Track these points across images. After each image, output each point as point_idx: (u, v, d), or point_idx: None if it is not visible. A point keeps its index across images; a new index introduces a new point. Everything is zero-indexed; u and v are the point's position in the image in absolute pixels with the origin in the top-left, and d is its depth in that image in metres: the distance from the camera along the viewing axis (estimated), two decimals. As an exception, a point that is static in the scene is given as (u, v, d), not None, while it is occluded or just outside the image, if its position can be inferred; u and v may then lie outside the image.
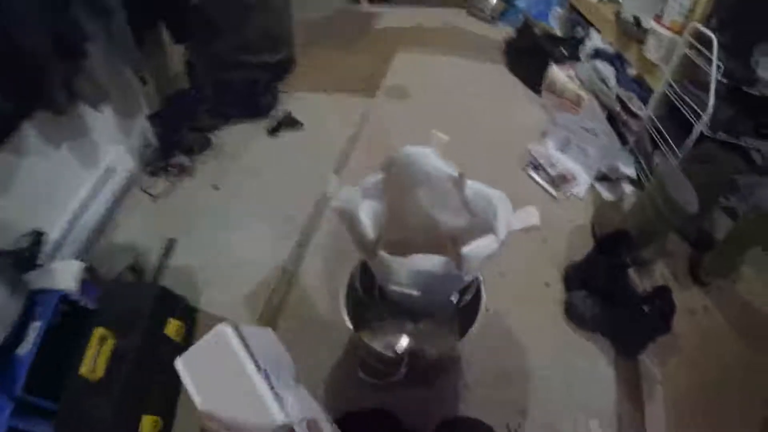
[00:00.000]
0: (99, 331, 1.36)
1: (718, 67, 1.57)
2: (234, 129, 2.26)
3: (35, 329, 1.33)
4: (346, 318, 1.25)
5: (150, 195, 1.99)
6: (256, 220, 1.92)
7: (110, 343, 1.37)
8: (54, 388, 1.32)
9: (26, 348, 1.31)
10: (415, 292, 1.05)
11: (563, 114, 2.14)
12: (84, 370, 1.30)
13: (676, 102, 1.78)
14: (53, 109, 1.58)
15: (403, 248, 1.19)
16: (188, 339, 1.59)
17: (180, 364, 0.90)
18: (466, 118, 2.26)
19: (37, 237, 1.51)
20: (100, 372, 1.32)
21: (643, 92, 2.01)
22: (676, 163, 1.68)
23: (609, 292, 1.54)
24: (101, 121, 1.85)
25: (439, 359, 1.36)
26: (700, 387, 1.50)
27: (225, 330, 0.89)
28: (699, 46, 1.66)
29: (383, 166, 1.13)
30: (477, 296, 1.29)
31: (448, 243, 1.24)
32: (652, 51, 1.88)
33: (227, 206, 1.98)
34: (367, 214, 1.08)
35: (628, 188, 1.95)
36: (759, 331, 1.62)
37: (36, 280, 1.42)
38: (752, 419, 1.44)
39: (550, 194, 1.96)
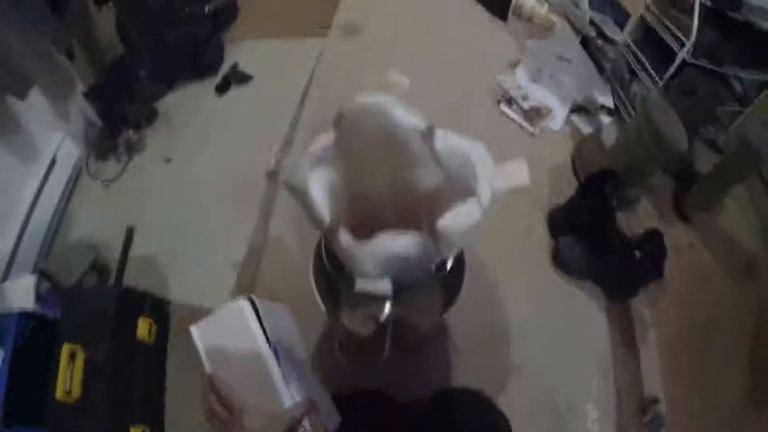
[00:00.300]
0: (67, 348, 1.27)
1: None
2: (180, 93, 2.05)
3: (1, 359, 1.24)
4: (319, 299, 1.13)
5: (101, 181, 1.83)
6: (214, 193, 1.78)
7: (81, 358, 1.29)
8: (34, 412, 1.24)
9: None
10: (385, 281, 0.88)
11: (533, 41, 1.97)
12: (60, 393, 1.23)
13: (655, 26, 1.64)
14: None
15: (369, 219, 1.03)
16: (162, 335, 1.52)
17: (194, 332, 0.86)
18: (428, 52, 2.07)
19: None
20: (76, 392, 1.25)
21: (618, 15, 1.85)
22: (658, 92, 1.57)
23: (597, 236, 1.48)
24: (32, 109, 1.63)
25: (423, 330, 1.30)
26: (690, 327, 1.49)
27: (242, 305, 0.86)
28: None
29: (334, 123, 0.94)
30: (459, 260, 1.13)
31: (423, 207, 1.03)
32: (627, -32, 1.70)
33: (182, 181, 1.83)
34: (320, 189, 0.90)
35: (606, 119, 1.83)
36: (743, 265, 1.60)
37: (-12, 304, 1.32)
38: (742, 354, 1.45)
39: (526, 130, 1.83)
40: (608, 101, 1.83)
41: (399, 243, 0.84)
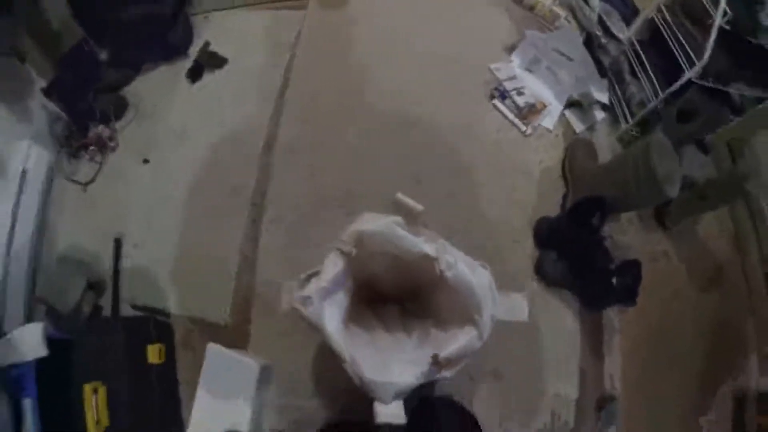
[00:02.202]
0: (88, 388, 1.41)
1: (725, 11, 1.39)
2: (149, 79, 1.92)
3: (29, 406, 1.38)
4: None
5: (77, 183, 1.79)
6: (200, 195, 1.77)
7: (102, 392, 1.43)
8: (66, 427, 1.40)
9: (29, 427, 1.37)
10: (399, 408, 1.04)
11: (532, 31, 1.87)
12: (91, 428, 1.38)
13: (664, 32, 1.59)
14: None
15: (370, 281, 1.21)
16: (170, 352, 1.64)
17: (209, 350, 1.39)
18: (417, 29, 1.96)
19: (-18, 310, 1.44)
20: (104, 420, 1.41)
21: (626, 9, 1.77)
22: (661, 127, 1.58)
23: (578, 258, 1.61)
24: None
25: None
26: (651, 335, 1.69)
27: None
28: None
29: (343, 250, 1.03)
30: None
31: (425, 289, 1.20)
32: (643, -39, 1.58)
33: (163, 183, 1.80)
34: (335, 325, 1.02)
35: (599, 114, 1.85)
36: (711, 274, 1.77)
37: (1, 356, 1.39)
38: (694, 362, 1.67)
39: (518, 129, 1.82)
40: (604, 97, 1.84)
41: (408, 379, 1.00)
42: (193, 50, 1.94)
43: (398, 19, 1.99)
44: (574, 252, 1.61)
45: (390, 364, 1.03)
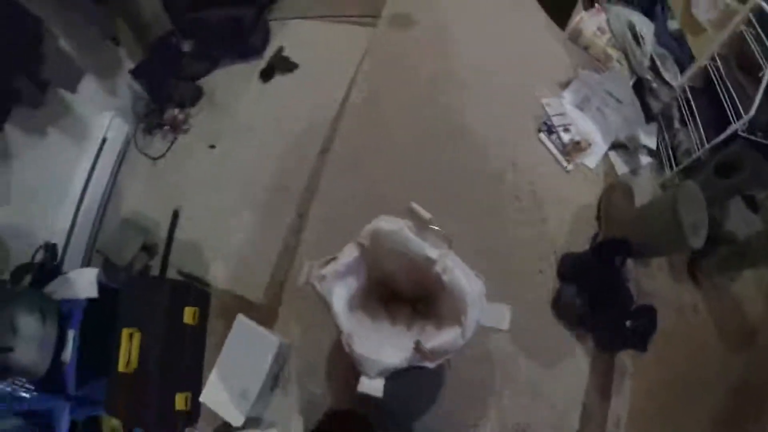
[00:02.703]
0: (126, 332, 1.58)
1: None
2: (225, 73, 2.16)
3: (72, 336, 1.58)
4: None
5: (148, 157, 2.03)
6: (255, 186, 1.95)
7: (137, 337, 1.59)
8: (100, 377, 1.59)
9: (69, 354, 1.56)
10: (378, 384, 1.14)
11: (586, 72, 1.92)
12: (121, 366, 1.55)
13: (715, 82, 1.61)
14: (28, 105, 1.58)
15: (386, 279, 1.34)
16: (203, 317, 1.80)
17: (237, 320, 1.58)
18: (478, 54, 2.07)
19: (52, 250, 1.66)
20: (134, 364, 1.57)
21: (682, 55, 1.78)
22: (699, 178, 1.59)
23: (598, 295, 1.62)
24: (82, 93, 1.81)
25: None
26: (668, 382, 1.66)
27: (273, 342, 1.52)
28: (759, 28, 1.45)
29: (360, 242, 1.18)
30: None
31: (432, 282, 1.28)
32: (701, 10, 1.62)
33: (225, 169, 2.01)
34: (341, 303, 1.16)
35: (645, 159, 1.87)
36: (743, 335, 1.72)
37: (58, 290, 1.62)
38: (711, 417, 1.63)
39: (561, 165, 1.87)
40: (651, 142, 1.85)
41: (394, 360, 1.12)
42: (268, 52, 2.15)
43: (461, 42, 2.11)
44: (594, 289, 1.63)
45: (383, 346, 1.15)
